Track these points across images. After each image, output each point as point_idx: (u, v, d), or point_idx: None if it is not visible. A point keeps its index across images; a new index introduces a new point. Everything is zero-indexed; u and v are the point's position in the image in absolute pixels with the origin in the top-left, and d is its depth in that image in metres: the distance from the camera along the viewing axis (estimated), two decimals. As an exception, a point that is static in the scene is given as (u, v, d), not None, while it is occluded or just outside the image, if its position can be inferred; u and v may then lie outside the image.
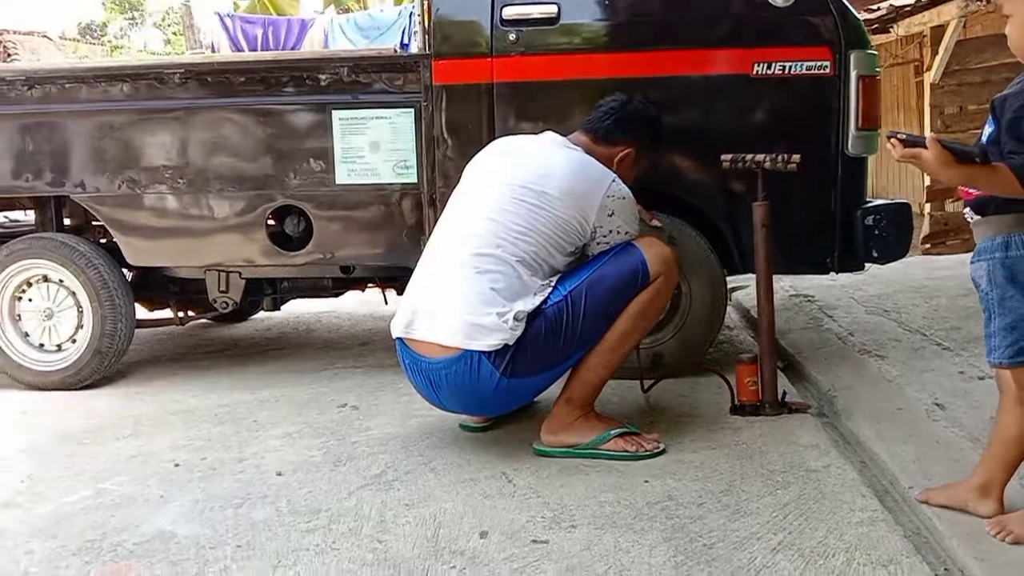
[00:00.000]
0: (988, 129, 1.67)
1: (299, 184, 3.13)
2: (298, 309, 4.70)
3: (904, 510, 1.89)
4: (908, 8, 6.25)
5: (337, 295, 3.74)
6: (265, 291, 3.57)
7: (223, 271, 3.32)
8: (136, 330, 3.45)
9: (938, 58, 6.09)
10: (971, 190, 1.68)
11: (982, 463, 1.78)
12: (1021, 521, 1.65)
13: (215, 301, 3.37)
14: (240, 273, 3.32)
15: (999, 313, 1.65)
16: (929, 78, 6.24)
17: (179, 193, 3.22)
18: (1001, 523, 1.65)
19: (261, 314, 4.67)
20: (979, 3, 5.59)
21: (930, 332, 3.34)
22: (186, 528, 1.96)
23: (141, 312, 3.72)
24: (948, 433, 2.25)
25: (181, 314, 3.77)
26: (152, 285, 3.69)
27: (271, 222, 3.25)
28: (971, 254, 1.74)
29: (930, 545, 1.72)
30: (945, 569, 1.63)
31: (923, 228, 6.27)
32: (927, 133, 1.84)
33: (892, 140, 1.62)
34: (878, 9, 6.57)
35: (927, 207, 6.46)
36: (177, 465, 2.39)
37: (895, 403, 2.54)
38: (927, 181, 6.45)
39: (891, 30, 6.75)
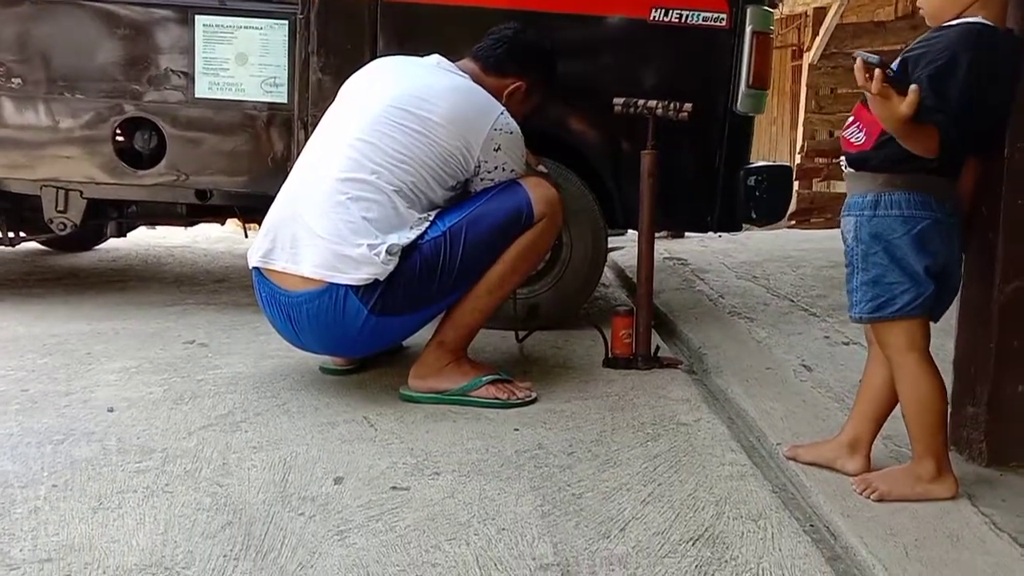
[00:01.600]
0: None
1: (153, 95, 2.83)
2: (149, 241, 4.34)
3: (771, 466, 1.87)
4: (795, -14, 6.40)
5: (192, 224, 3.45)
6: (110, 214, 3.23)
7: (62, 188, 2.97)
8: (-45, 248, 3.07)
9: (819, 39, 6.28)
10: (854, 141, 1.64)
11: (850, 420, 1.78)
12: (886, 479, 1.65)
13: (51, 221, 3.02)
14: (81, 192, 2.99)
15: (862, 268, 1.64)
16: (808, 58, 6.43)
17: (13, 96, 2.85)
18: (867, 480, 1.65)
19: (107, 243, 4.27)
20: (861, -13, 5.78)
21: (797, 299, 3.41)
22: (-7, 465, 1.71)
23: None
24: (815, 393, 2.27)
25: (12, 234, 3.37)
26: (-24, 200, 3.28)
27: (119, 136, 2.93)
28: (837, 229, 1.75)
29: (797, 501, 1.70)
30: (811, 525, 1.61)
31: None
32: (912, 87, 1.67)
33: (870, 66, 1.45)
34: (766, -15, 6.70)
35: (796, 184, 6.69)
36: (-10, 397, 2.10)
37: (764, 363, 2.55)
38: (798, 159, 6.69)
39: (777, 6, 6.91)
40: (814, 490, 1.70)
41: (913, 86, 1.46)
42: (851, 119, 1.67)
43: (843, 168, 1.73)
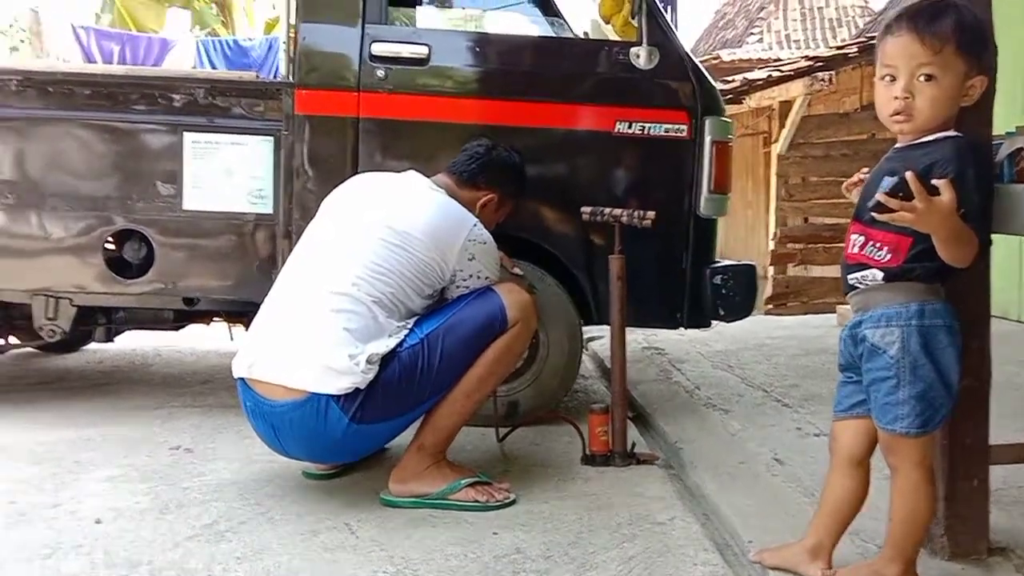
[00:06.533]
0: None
1: (143, 207, 2.95)
2: (135, 342, 4.39)
3: (744, 564, 1.92)
4: (760, 83, 6.70)
5: (178, 328, 3.52)
6: (98, 320, 3.31)
7: (52, 296, 3.05)
8: (-55, 357, 3.13)
9: (785, 131, 6.54)
10: (878, 258, 1.62)
11: (813, 526, 1.81)
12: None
13: (41, 329, 3.08)
14: (71, 300, 3.06)
15: (910, 382, 1.60)
16: (776, 149, 6.68)
17: (7, 209, 2.96)
18: (834, 579, 1.70)
19: (93, 345, 4.33)
20: (823, 83, 6.07)
21: (771, 389, 3.49)
22: (-20, 584, 1.74)
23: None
24: (786, 488, 2.33)
25: (2, 341, 3.44)
26: (-32, 309, 3.35)
27: (110, 246, 3.03)
28: (811, 315, 1.77)
29: (767, 600, 1.76)
30: (780, 623, 1.66)
31: (766, 289, 6.64)
32: (940, 181, 1.51)
33: (896, 191, 1.46)
34: (732, 81, 7.01)
35: (771, 270, 6.86)
36: (-22, 511, 2.14)
37: (737, 457, 2.61)
38: (771, 245, 6.88)
39: (743, 101, 7.22)
40: (783, 588, 1.75)
41: (942, 181, 1.46)
42: (862, 239, 1.65)
43: (858, 284, 1.66)
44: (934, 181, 1.49)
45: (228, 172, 2.93)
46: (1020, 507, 2.08)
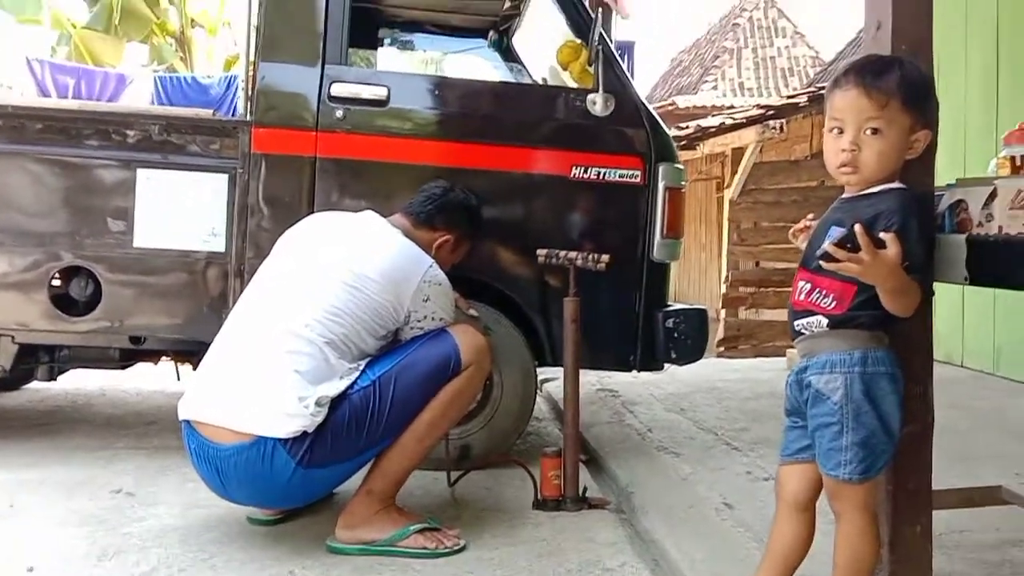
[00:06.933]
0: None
1: (92, 244, 2.89)
2: (79, 381, 4.28)
3: (692, 611, 1.92)
4: (713, 129, 6.86)
5: (125, 367, 3.43)
6: (41, 358, 3.21)
7: (-8, 334, 2.96)
8: None
9: (737, 177, 6.69)
10: (824, 305, 1.63)
11: (760, 570, 1.79)
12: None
13: (-20, 367, 2.99)
14: (13, 337, 2.97)
15: (853, 428, 1.61)
16: (728, 194, 6.82)
17: (-50, 244, 2.88)
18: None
19: (34, 384, 4.20)
20: (774, 131, 6.24)
21: (721, 432, 3.52)
22: (-98, 636, 1.66)
23: None
24: (735, 532, 2.34)
25: (-64, 379, 3.32)
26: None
27: (56, 282, 2.97)
28: (762, 357, 1.79)
29: (715, 647, 1.75)
30: (728, 673, 1.65)
31: (718, 332, 6.73)
32: (886, 235, 1.53)
33: (843, 242, 1.48)
34: (687, 127, 7.17)
35: (722, 312, 6.96)
36: (-96, 557, 2.05)
37: (687, 501, 2.62)
38: (723, 289, 6.99)
39: (697, 147, 7.38)
40: (730, 636, 1.75)
41: (888, 234, 1.49)
42: (808, 286, 1.66)
43: (804, 330, 1.67)
44: (880, 234, 1.53)
45: (181, 209, 2.89)
46: (962, 551, 2.12)
